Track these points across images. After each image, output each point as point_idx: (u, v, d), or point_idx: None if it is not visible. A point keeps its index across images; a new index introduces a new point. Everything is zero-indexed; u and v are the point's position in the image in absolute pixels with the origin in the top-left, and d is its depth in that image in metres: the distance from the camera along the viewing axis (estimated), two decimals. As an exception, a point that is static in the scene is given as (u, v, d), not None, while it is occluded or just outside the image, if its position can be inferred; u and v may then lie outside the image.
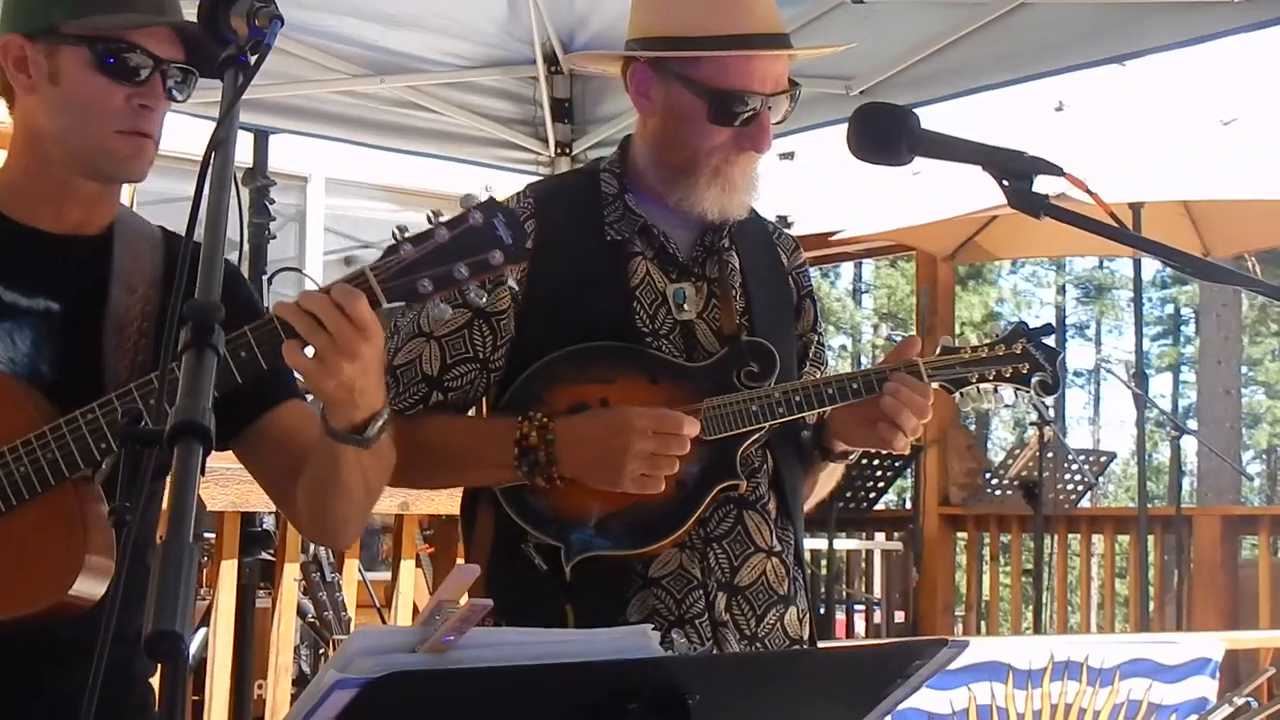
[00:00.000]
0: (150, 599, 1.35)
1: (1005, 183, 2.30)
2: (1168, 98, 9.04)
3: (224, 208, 1.76)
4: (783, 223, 3.04)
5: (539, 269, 2.69)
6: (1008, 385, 2.78)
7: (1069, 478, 9.02)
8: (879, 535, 10.60)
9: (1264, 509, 20.42)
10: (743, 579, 2.74)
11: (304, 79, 5.09)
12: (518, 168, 5.57)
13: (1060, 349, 2.84)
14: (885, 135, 2.41)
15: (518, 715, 1.72)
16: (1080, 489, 9.18)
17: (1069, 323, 33.18)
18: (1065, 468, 8.95)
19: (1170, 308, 33.44)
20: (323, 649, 6.32)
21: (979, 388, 2.78)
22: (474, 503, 2.79)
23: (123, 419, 1.64)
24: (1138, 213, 7.75)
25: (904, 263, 26.26)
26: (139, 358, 2.42)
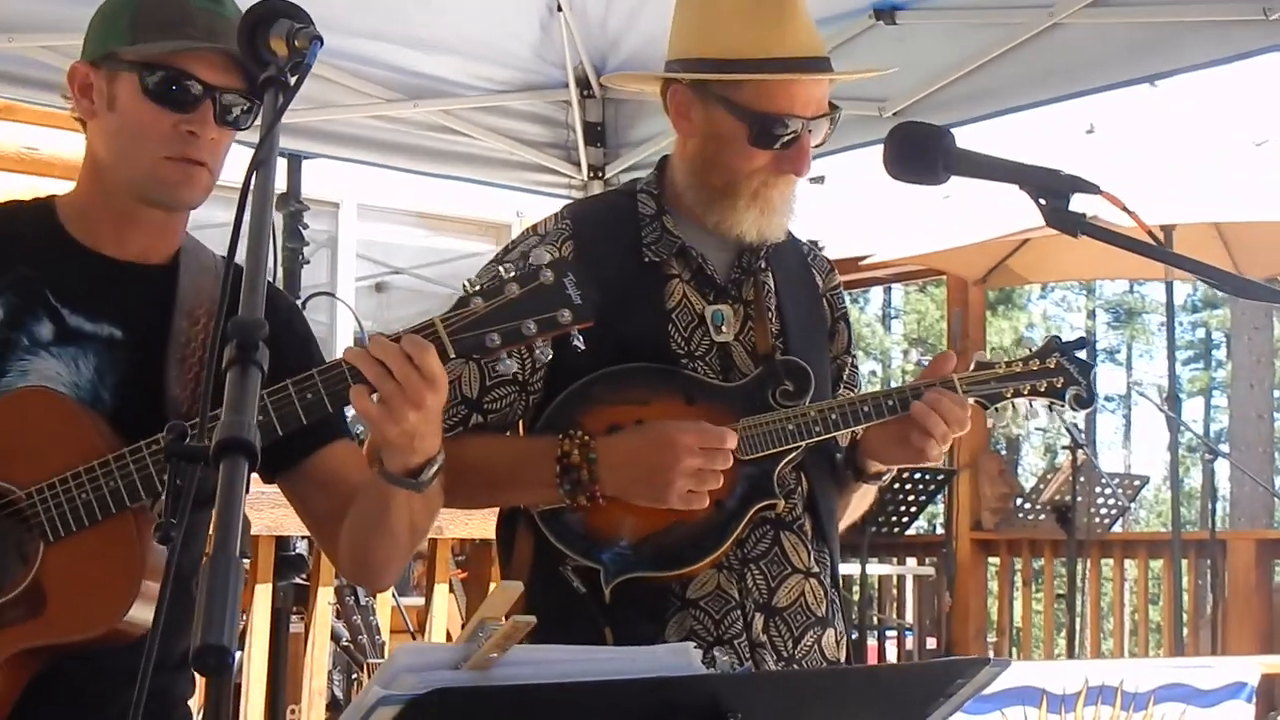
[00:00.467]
0: (197, 613, 1.35)
1: (1042, 201, 2.30)
2: (1199, 118, 9.02)
3: (266, 227, 1.77)
4: (814, 247, 3.04)
5: None
6: (1043, 399, 2.77)
7: (1102, 502, 8.98)
8: (910, 560, 10.56)
9: (1298, 534, 20.24)
10: (780, 600, 2.74)
11: (338, 103, 5.11)
12: (550, 191, 5.58)
13: (1094, 362, 2.83)
14: (921, 154, 2.41)
15: (560, 733, 1.72)
16: (1113, 513, 9.13)
17: (1099, 347, 33.05)
18: (1099, 492, 8.91)
19: (1201, 332, 33.33)
20: (355, 674, 6.32)
21: (1014, 403, 2.77)
22: (512, 526, 2.79)
23: (168, 435, 1.65)
24: (1169, 234, 7.72)
25: (933, 288, 26.25)
26: (199, 387, 2.45)
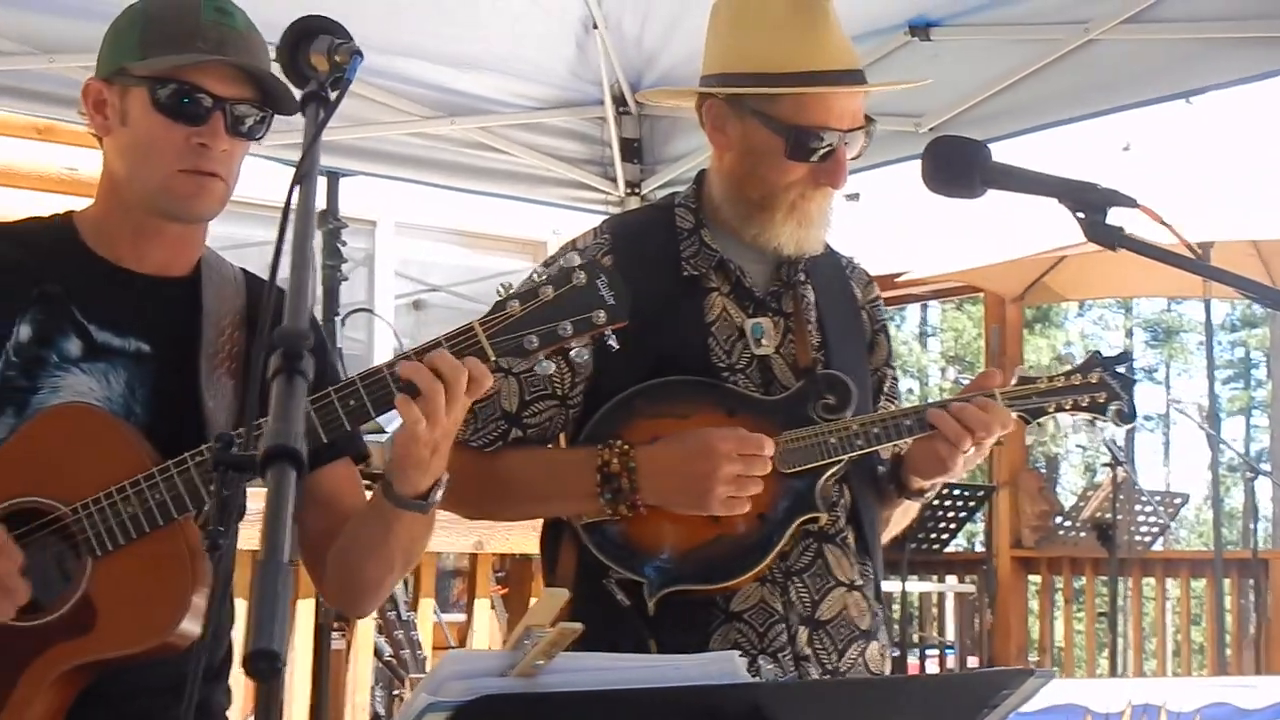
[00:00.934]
0: (247, 619, 1.36)
1: (1080, 215, 2.29)
2: (1236, 135, 8.98)
3: (309, 240, 1.78)
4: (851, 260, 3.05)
5: None
6: (1085, 414, 2.76)
7: (1142, 520, 8.94)
8: (950, 578, 10.52)
9: (1340, 552, 20.08)
10: (824, 613, 2.74)
11: (375, 121, 5.14)
12: (587, 207, 5.60)
13: (1136, 377, 2.82)
14: (958, 168, 2.42)
15: (606, 740, 1.73)
16: (1154, 531, 9.09)
17: (1137, 366, 32.85)
18: (1140, 509, 8.87)
19: (1240, 351, 33.14)
20: (397, 690, 6.34)
21: (1055, 418, 2.76)
22: (555, 539, 2.79)
23: (215, 444, 1.66)
24: (1207, 251, 7.68)
25: (970, 305, 26.17)
26: (231, 397, 2.47)
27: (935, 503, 8.52)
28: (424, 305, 9.97)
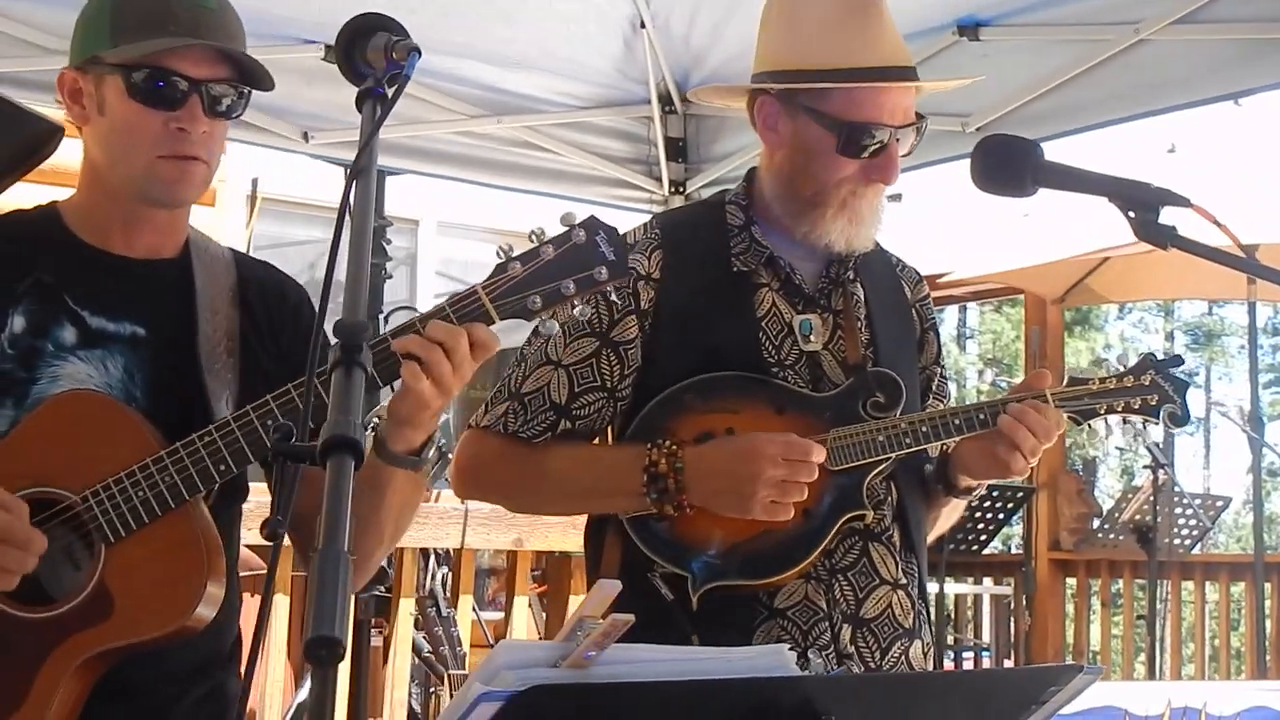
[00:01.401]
0: (309, 605, 1.38)
1: (1131, 214, 2.29)
2: (1283, 138, 8.93)
3: (367, 234, 1.80)
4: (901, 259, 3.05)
5: (666, 299, 2.73)
6: (1137, 416, 2.76)
7: (1183, 523, 8.89)
8: (987, 580, 10.48)
9: (1382, 559, 19.92)
10: (868, 611, 2.74)
11: (423, 120, 5.17)
12: (632, 206, 5.61)
13: (1190, 380, 2.82)
14: (1009, 166, 2.41)
15: (656, 731, 1.74)
16: (1195, 534, 9.04)
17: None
18: (1180, 512, 8.82)
19: (1283, 354, 32.88)
20: (433, 687, 6.35)
21: (1107, 419, 2.76)
22: (600, 532, 2.80)
23: (275, 434, 1.68)
24: (1252, 255, 7.61)
25: (1009, 308, 26.06)
26: (229, 376, 2.46)
27: (974, 504, 8.49)
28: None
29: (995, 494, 8.79)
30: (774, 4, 2.82)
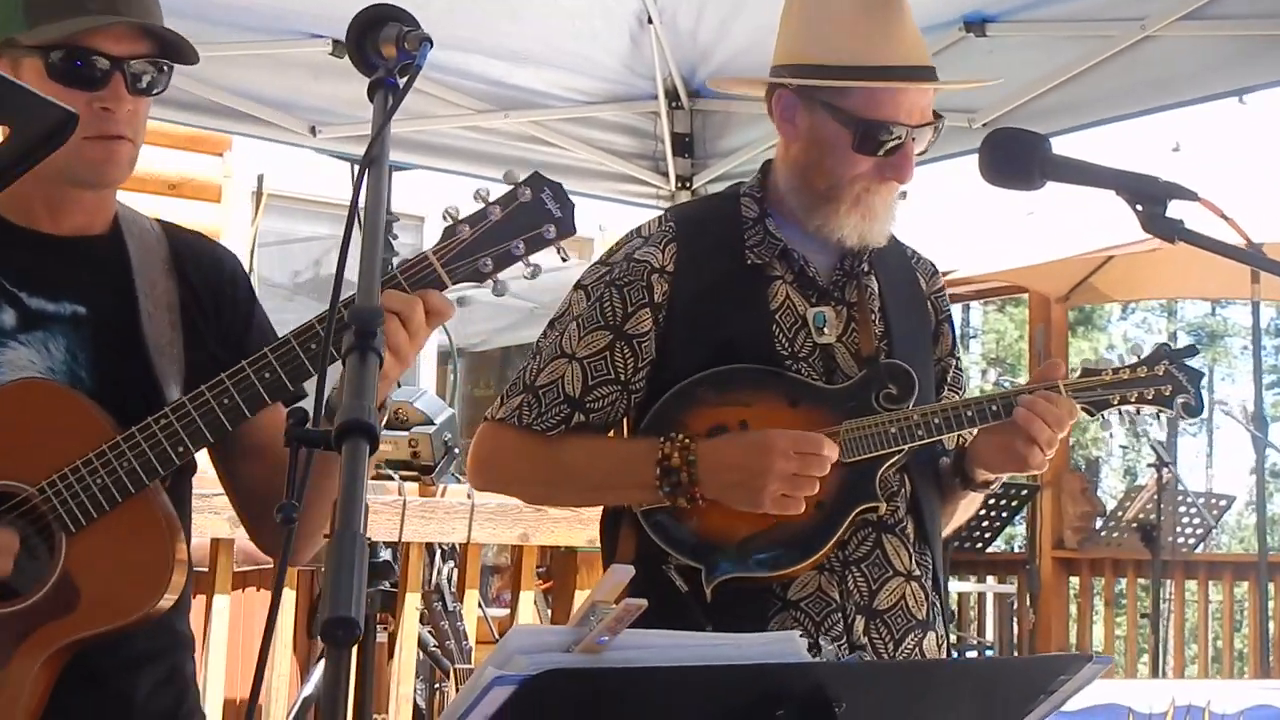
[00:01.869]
0: (324, 588, 1.39)
1: (1139, 208, 2.30)
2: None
3: (380, 222, 1.80)
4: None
5: (680, 292, 2.73)
6: (1150, 407, 2.76)
7: (1186, 522, 8.89)
8: (990, 579, 10.49)
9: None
10: (881, 603, 2.74)
11: (429, 114, 5.18)
12: (638, 201, 5.62)
13: (1204, 371, 2.81)
14: (1017, 160, 2.42)
15: (667, 715, 1.74)
16: (1198, 533, 9.04)
17: (1180, 369, 32.56)
18: (1184, 511, 8.82)
19: (1286, 355, 32.86)
20: (439, 683, 6.34)
21: (1120, 410, 2.76)
22: (615, 524, 2.80)
23: (289, 420, 1.68)
24: (1257, 253, 7.62)
25: (1012, 307, 26.06)
26: (174, 351, 2.43)
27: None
28: (468, 301, 10.00)
29: (999, 493, 8.79)
30: None
